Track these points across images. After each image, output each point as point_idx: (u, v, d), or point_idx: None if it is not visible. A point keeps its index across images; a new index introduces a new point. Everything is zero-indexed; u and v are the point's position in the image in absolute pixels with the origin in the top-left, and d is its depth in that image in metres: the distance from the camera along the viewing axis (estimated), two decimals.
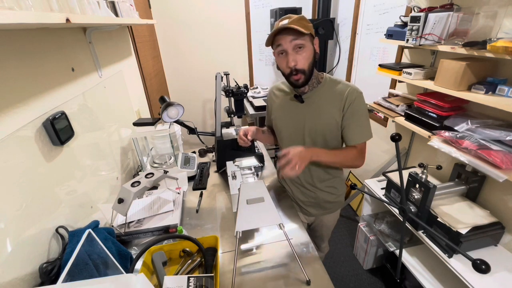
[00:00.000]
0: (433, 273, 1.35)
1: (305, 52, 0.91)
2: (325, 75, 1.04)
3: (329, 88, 1.01)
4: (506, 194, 1.17)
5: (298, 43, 0.89)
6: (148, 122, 1.38)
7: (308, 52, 0.92)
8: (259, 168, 1.37)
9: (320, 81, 1.03)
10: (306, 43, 0.90)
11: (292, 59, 0.91)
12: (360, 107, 0.98)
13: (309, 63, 0.93)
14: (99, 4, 0.94)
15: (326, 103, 1.00)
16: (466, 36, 1.11)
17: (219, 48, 2.83)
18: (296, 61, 0.91)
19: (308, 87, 1.02)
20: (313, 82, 1.01)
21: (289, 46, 0.90)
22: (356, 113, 0.97)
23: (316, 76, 1.02)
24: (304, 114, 1.04)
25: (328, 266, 1.90)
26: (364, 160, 1.04)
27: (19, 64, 0.71)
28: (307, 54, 0.92)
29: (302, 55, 0.91)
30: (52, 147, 0.81)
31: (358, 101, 0.97)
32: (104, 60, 1.26)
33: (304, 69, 0.93)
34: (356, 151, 1.01)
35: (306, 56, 0.92)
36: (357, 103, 0.97)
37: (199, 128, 1.61)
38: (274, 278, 0.85)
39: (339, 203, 1.23)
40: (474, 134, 1.10)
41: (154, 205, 1.15)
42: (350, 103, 0.96)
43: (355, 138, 1.00)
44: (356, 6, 2.18)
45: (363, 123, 1.00)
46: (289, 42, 0.89)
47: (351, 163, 1.03)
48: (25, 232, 0.68)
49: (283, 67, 0.96)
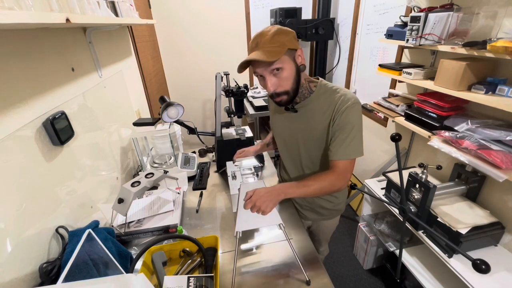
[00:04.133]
0: (433, 273, 1.35)
1: (284, 73, 0.83)
2: (319, 82, 0.94)
3: (321, 97, 0.93)
4: (506, 194, 1.17)
5: (274, 67, 0.81)
6: (148, 122, 1.38)
7: (288, 72, 0.84)
8: (259, 168, 1.37)
9: (312, 90, 0.94)
10: (284, 64, 0.82)
11: (270, 84, 0.84)
12: (350, 119, 0.85)
13: (291, 83, 0.85)
14: (99, 4, 0.94)
15: (318, 112, 0.92)
16: (466, 36, 1.11)
17: (219, 48, 2.83)
18: (276, 85, 0.85)
19: (299, 98, 0.94)
20: (303, 94, 0.94)
21: (265, 72, 0.83)
22: (344, 126, 0.86)
23: (307, 86, 0.94)
24: (298, 125, 0.99)
25: (328, 266, 1.90)
26: (346, 181, 0.90)
27: (19, 64, 0.71)
28: (287, 74, 0.84)
29: (282, 77, 0.83)
30: (52, 147, 0.81)
31: (349, 112, 0.85)
32: (104, 60, 1.26)
33: (286, 90, 0.86)
34: (334, 173, 0.88)
35: (286, 77, 0.84)
36: (347, 114, 0.85)
37: (199, 128, 1.61)
38: (274, 278, 0.85)
39: (338, 211, 1.18)
40: (474, 134, 1.10)
41: (154, 205, 1.15)
42: (339, 113, 0.86)
43: (337, 154, 0.87)
44: (356, 6, 2.18)
45: (349, 137, 0.86)
46: (264, 69, 0.82)
47: (330, 188, 0.89)
48: (25, 232, 0.68)
49: (265, 88, 0.88)
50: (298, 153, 1.05)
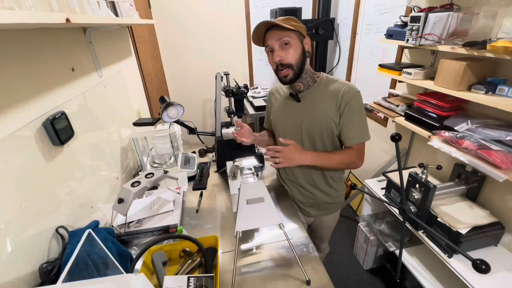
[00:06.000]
0: (433, 273, 1.35)
1: (291, 49, 0.93)
2: (321, 74, 1.04)
3: (325, 87, 1.01)
4: (506, 194, 1.17)
5: (284, 40, 0.91)
6: (148, 122, 1.38)
7: (296, 49, 0.93)
8: (259, 168, 1.37)
9: (316, 80, 1.03)
10: (293, 40, 0.92)
11: (277, 55, 0.93)
12: (357, 107, 0.96)
13: (296, 58, 0.94)
14: (99, 4, 0.94)
15: (322, 102, 1.00)
16: (466, 36, 1.11)
17: (219, 48, 2.83)
18: (282, 56, 0.93)
19: (303, 85, 1.02)
20: (307, 81, 1.02)
21: (275, 44, 0.92)
22: (353, 113, 0.96)
23: (311, 75, 1.02)
24: (301, 114, 1.04)
25: (328, 266, 1.90)
26: (363, 160, 1.03)
27: (19, 64, 0.71)
28: (294, 51, 0.93)
29: (289, 51, 0.93)
30: (52, 147, 0.80)
31: (355, 100, 0.96)
32: (104, 60, 1.26)
33: (291, 63, 0.94)
34: (354, 152, 1.00)
35: (293, 53, 0.93)
36: (354, 102, 0.95)
37: (199, 128, 1.61)
38: (274, 278, 0.85)
39: (339, 203, 1.23)
40: (474, 134, 1.10)
41: (154, 205, 1.15)
42: (346, 102, 0.95)
43: (353, 138, 0.99)
44: (356, 6, 2.18)
45: (361, 123, 0.98)
46: (275, 40, 0.92)
47: (349, 165, 1.02)
48: (25, 232, 0.68)
49: (272, 64, 0.99)
50: (301, 145, 1.07)
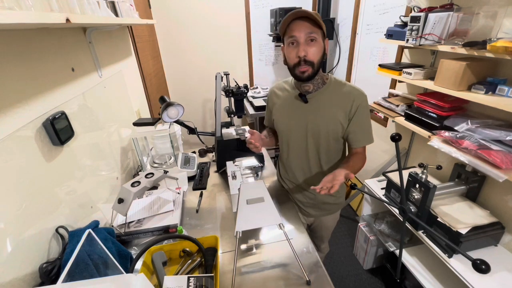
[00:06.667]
0: (433, 273, 1.35)
1: (316, 46, 0.90)
2: (330, 76, 1.03)
3: (334, 90, 1.00)
4: (506, 194, 1.17)
5: (312, 36, 0.88)
6: (148, 122, 1.38)
7: (319, 47, 0.91)
8: (259, 168, 1.37)
9: (325, 81, 1.01)
10: (319, 38, 0.90)
11: (302, 49, 0.89)
12: (366, 112, 0.99)
13: (318, 57, 0.92)
14: (99, 4, 0.94)
15: (331, 104, 0.99)
16: (466, 36, 1.11)
17: (219, 48, 2.83)
18: (307, 51, 0.89)
19: (313, 86, 0.99)
20: (318, 83, 0.99)
21: (303, 36, 0.88)
22: (362, 117, 0.98)
23: (321, 76, 1.00)
24: (307, 115, 1.01)
25: (328, 266, 1.90)
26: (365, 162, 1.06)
27: (19, 64, 0.71)
28: (318, 49, 0.91)
29: (314, 47, 0.90)
30: (52, 147, 0.81)
31: (365, 105, 0.98)
32: (104, 60, 1.26)
33: (313, 62, 0.91)
34: (362, 155, 1.03)
35: (317, 50, 0.91)
36: (364, 107, 0.98)
37: (199, 128, 1.61)
38: (274, 278, 0.85)
39: (339, 204, 1.22)
40: (474, 134, 1.10)
41: (154, 205, 1.15)
42: (357, 106, 0.96)
43: (361, 141, 1.02)
44: (356, 6, 2.18)
45: (369, 126, 1.01)
46: (304, 32, 0.87)
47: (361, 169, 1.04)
48: (25, 232, 0.68)
49: (291, 57, 0.93)
50: (305, 146, 1.06)
